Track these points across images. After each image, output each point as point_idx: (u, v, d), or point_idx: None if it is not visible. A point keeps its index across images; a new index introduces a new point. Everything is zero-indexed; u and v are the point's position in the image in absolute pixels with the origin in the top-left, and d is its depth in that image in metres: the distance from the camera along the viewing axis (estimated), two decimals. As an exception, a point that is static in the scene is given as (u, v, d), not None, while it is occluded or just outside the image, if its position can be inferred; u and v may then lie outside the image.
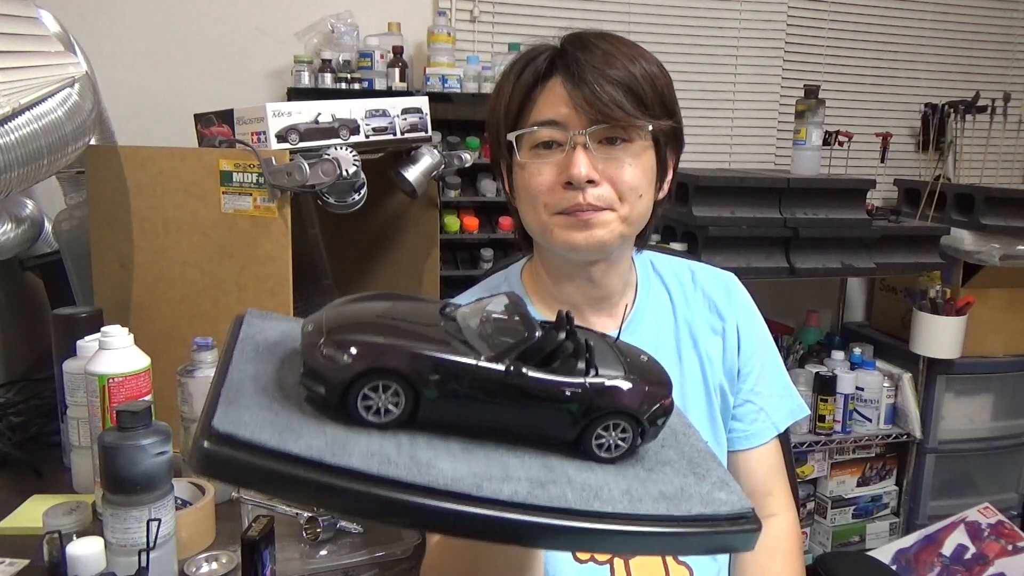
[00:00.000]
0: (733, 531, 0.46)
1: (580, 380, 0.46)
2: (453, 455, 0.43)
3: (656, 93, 0.84)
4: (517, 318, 0.48)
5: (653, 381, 0.49)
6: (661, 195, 0.92)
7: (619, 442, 0.47)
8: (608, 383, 0.47)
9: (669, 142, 0.89)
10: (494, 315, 0.48)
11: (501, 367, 0.44)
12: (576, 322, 0.50)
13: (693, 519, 0.44)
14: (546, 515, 0.41)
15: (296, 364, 0.48)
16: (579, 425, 0.46)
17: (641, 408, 0.47)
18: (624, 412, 0.46)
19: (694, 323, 0.98)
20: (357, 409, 0.43)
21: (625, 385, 0.47)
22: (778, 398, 1.01)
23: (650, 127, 0.84)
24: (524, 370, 0.45)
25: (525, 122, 0.86)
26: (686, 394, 0.95)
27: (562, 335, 0.47)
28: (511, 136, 0.86)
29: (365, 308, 0.49)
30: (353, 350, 0.43)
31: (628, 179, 0.84)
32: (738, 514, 0.46)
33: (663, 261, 1.03)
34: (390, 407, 0.43)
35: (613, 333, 0.91)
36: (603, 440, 0.47)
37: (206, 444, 0.39)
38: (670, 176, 0.92)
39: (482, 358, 0.44)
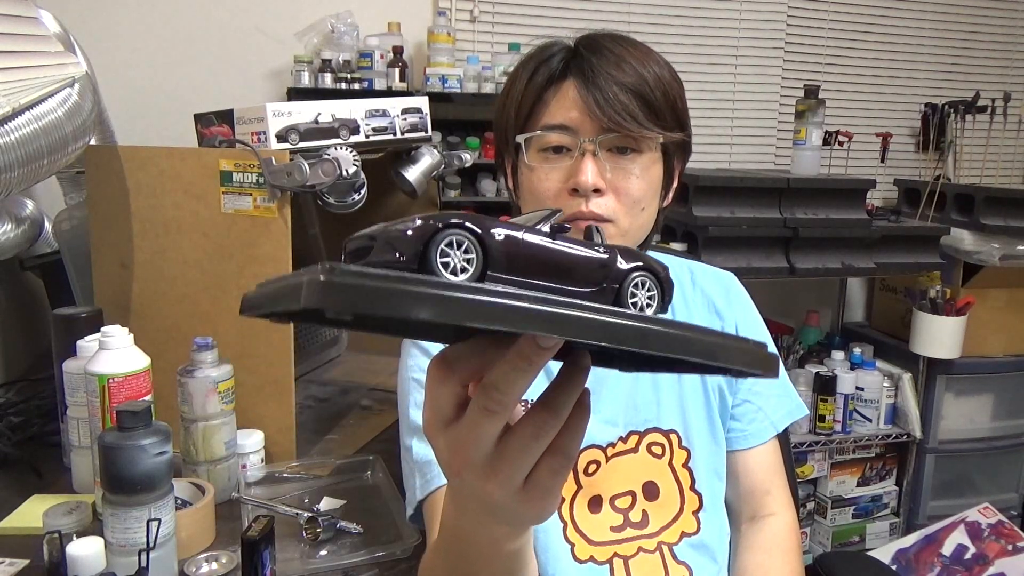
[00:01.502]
0: (760, 351, 0.48)
1: (605, 253, 0.52)
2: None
3: (668, 102, 0.84)
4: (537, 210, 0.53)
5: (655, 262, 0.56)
6: (665, 203, 0.92)
7: (648, 300, 0.53)
8: (623, 247, 0.53)
9: (677, 153, 0.89)
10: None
11: (546, 229, 0.49)
12: None
13: (717, 332, 0.48)
14: (633, 319, 0.44)
15: None
16: (613, 289, 0.51)
17: (657, 267, 0.53)
18: (646, 268, 0.52)
19: (693, 323, 0.98)
20: (437, 266, 0.45)
21: (638, 251, 0.53)
22: (776, 398, 1.01)
23: (660, 139, 0.84)
24: (560, 237, 0.49)
25: (536, 124, 0.86)
26: (684, 394, 0.95)
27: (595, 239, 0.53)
28: (520, 139, 0.86)
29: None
30: (422, 218, 0.45)
31: (634, 191, 0.84)
32: (762, 342, 0.50)
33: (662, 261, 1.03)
34: (465, 264, 0.46)
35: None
36: (636, 299, 0.52)
37: (323, 277, 0.37)
38: (675, 184, 0.93)
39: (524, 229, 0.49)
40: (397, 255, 0.45)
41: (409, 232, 0.45)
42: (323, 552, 0.98)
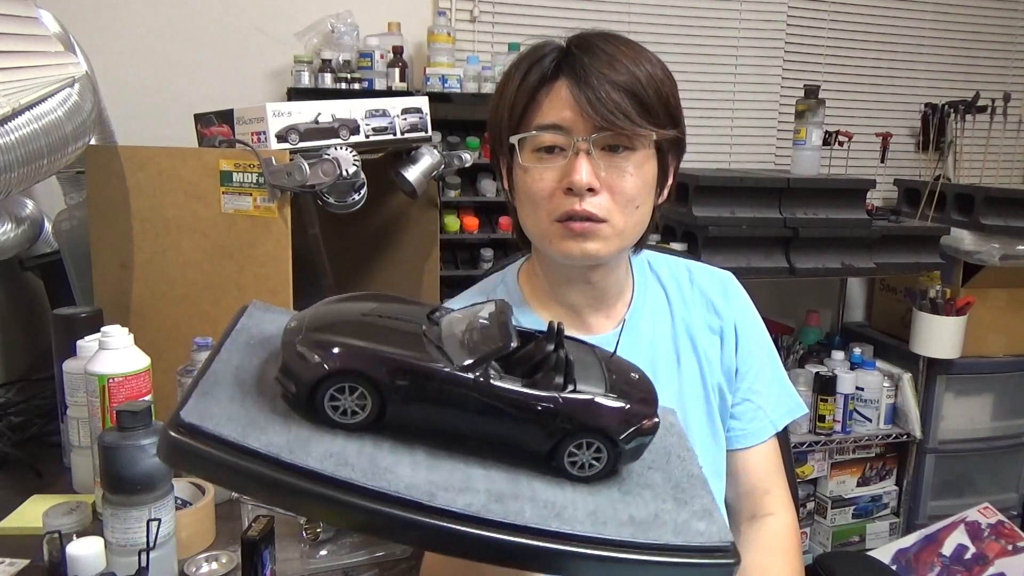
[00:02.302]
0: (705, 563, 0.43)
1: (553, 395, 0.44)
2: (415, 462, 0.42)
3: (661, 99, 0.84)
4: (497, 328, 0.47)
5: (636, 399, 0.47)
6: (661, 200, 0.92)
7: (592, 462, 0.45)
8: (583, 398, 0.45)
9: (671, 150, 0.89)
10: (480, 322, 0.47)
11: (470, 376, 0.43)
12: (574, 324, 0.49)
13: (660, 547, 0.42)
14: (498, 530, 0.40)
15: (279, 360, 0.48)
16: (552, 440, 0.45)
17: (617, 428, 0.46)
18: (598, 431, 0.45)
19: (692, 323, 0.98)
20: (324, 409, 0.43)
21: (601, 402, 0.45)
22: (776, 397, 1.01)
23: (654, 136, 0.84)
24: (492, 381, 0.43)
25: (529, 124, 0.86)
26: (684, 394, 0.95)
27: (550, 346, 0.46)
28: (514, 139, 0.86)
29: (350, 308, 0.49)
30: (323, 351, 0.43)
31: (628, 189, 0.84)
32: (713, 547, 0.43)
33: (660, 261, 1.03)
34: (356, 409, 0.43)
35: (612, 333, 0.92)
36: (576, 458, 0.45)
37: (171, 433, 0.40)
38: (670, 182, 0.93)
39: (453, 366, 0.43)
40: (292, 388, 0.44)
41: (303, 367, 0.43)
42: (323, 552, 0.98)
